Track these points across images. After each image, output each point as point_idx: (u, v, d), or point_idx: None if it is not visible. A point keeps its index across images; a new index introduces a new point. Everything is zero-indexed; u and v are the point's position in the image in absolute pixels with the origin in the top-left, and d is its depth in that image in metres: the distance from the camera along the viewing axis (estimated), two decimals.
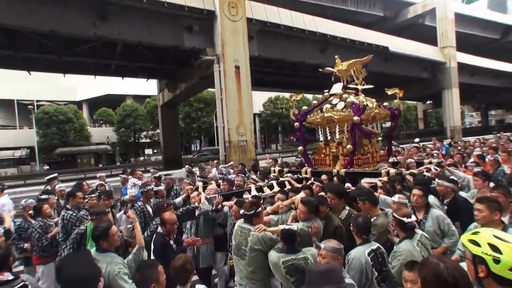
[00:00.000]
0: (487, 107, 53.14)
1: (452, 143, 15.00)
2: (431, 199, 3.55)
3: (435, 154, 9.23)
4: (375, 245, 2.47)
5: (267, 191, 4.92)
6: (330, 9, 25.68)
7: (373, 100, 6.72)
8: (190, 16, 13.59)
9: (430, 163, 6.42)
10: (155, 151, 48.38)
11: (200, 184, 5.43)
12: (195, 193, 4.62)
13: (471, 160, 7.10)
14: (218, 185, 5.38)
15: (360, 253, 2.37)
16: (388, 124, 7.96)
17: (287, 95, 47.55)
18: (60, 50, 13.44)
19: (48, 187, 6.81)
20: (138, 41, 12.91)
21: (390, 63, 22.25)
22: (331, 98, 6.78)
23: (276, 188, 4.63)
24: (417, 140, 16.33)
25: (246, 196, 4.69)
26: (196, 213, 4.03)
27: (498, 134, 19.52)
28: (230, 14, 13.42)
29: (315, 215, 2.94)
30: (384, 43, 21.26)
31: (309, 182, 4.71)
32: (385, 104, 7.38)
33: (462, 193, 4.11)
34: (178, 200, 5.26)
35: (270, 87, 25.92)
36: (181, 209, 4.16)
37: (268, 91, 40.16)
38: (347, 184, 4.87)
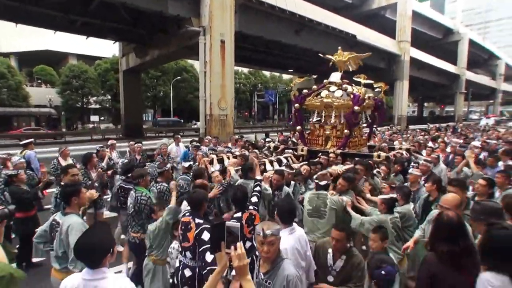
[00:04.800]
0: (423, 100, 60.07)
1: (402, 130, 17.47)
2: None
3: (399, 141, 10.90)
4: None
5: (276, 166, 5.68)
6: None
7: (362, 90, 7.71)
8: None
9: (400, 148, 7.78)
10: (102, 118, 44.85)
11: (214, 156, 5.92)
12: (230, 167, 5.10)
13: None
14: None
15: None
16: None
17: (245, 70, 47.41)
18: None
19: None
20: (122, 2, 11.96)
21: (354, 50, 23.63)
22: (329, 85, 7.60)
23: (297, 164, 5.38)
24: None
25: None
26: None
27: (432, 125, 23.11)
28: None
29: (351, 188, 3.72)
30: (352, 30, 22.56)
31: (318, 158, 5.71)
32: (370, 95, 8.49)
33: None
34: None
35: (243, 62, 25.88)
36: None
37: (241, 67, 39.67)
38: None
